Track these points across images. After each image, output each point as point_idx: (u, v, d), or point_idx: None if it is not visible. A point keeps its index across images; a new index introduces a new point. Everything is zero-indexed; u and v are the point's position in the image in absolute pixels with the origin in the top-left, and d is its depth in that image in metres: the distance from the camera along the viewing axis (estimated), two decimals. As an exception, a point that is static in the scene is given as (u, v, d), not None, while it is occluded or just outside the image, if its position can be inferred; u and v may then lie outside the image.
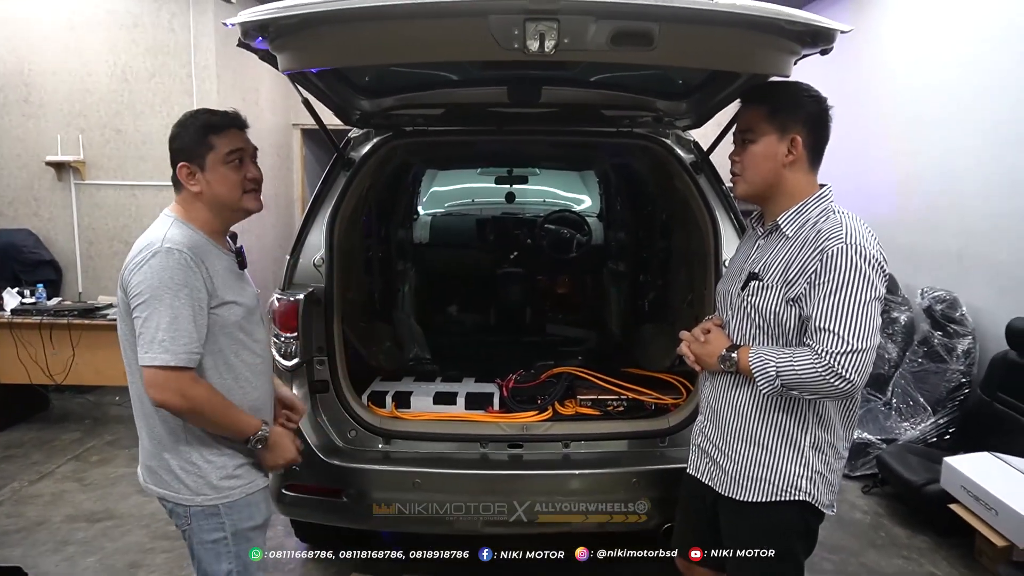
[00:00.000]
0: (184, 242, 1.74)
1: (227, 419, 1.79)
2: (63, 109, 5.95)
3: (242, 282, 1.91)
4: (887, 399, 4.47)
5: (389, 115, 2.86)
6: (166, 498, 1.85)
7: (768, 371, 1.70)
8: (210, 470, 1.81)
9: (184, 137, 1.79)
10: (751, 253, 1.90)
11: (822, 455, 1.80)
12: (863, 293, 1.63)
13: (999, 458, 3.31)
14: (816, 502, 1.81)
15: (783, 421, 1.80)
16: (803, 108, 1.77)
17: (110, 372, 4.76)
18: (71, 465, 4.34)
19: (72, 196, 6.07)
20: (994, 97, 4.06)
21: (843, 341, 1.61)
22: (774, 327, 1.78)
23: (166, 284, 1.67)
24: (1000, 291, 4.02)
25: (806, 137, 1.76)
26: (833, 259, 1.65)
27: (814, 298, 1.67)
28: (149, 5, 5.88)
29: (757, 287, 1.79)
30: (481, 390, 2.89)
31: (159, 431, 1.81)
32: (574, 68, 2.56)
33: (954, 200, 4.43)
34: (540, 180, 5.62)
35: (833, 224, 1.71)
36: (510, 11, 1.62)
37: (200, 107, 1.89)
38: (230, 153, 1.79)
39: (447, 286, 5.04)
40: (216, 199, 1.81)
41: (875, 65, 5.12)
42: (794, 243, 1.76)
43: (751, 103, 1.85)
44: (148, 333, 1.67)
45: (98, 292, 5.76)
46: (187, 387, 1.69)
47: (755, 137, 1.78)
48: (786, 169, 1.78)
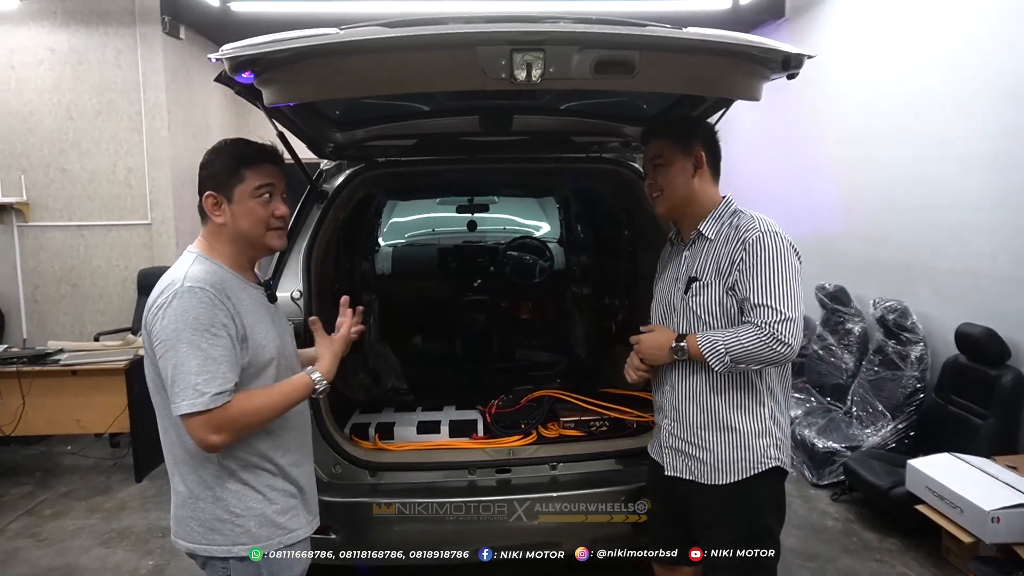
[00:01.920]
0: (206, 279, 1.65)
1: (282, 399, 1.71)
2: (3, 149, 5.78)
3: (273, 316, 1.83)
4: (847, 408, 4.63)
5: (362, 147, 2.87)
6: (204, 554, 1.74)
7: (718, 350, 1.90)
8: (250, 519, 1.72)
9: (216, 165, 1.72)
10: (681, 262, 2.12)
11: (777, 423, 2.04)
12: (786, 270, 1.90)
13: (959, 458, 3.46)
14: (782, 463, 2.04)
15: (744, 403, 2.01)
16: (698, 130, 2.12)
17: (63, 420, 4.57)
18: (23, 520, 4.11)
19: (15, 239, 5.85)
20: (932, 114, 4.31)
21: (778, 312, 1.85)
22: (718, 318, 2.00)
23: (191, 325, 1.59)
24: (946, 299, 4.23)
25: (706, 153, 2.06)
26: (755, 246, 1.92)
27: (746, 281, 1.92)
28: (94, 42, 5.77)
29: (698, 287, 2.03)
30: (464, 417, 2.89)
31: (191, 482, 1.72)
32: (544, 97, 2.64)
33: (897, 215, 4.66)
34: (500, 208, 5.69)
35: (746, 220, 2.01)
36: (497, 42, 1.67)
37: (238, 136, 1.82)
38: (259, 187, 1.72)
39: (413, 316, 5.02)
40: (240, 233, 1.73)
41: (818, 86, 5.39)
42: (717, 243, 2.03)
43: (655, 135, 2.13)
44: (181, 380, 1.58)
45: (45, 337, 5.53)
46: (225, 421, 1.60)
47: (665, 161, 2.06)
48: (695, 181, 2.06)
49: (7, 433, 4.51)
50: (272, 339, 1.76)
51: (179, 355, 1.58)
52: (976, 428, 3.71)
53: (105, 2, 5.72)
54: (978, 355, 3.80)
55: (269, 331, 1.76)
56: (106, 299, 6.04)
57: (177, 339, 1.59)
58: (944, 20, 4.23)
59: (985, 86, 3.90)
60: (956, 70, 4.12)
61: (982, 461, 3.39)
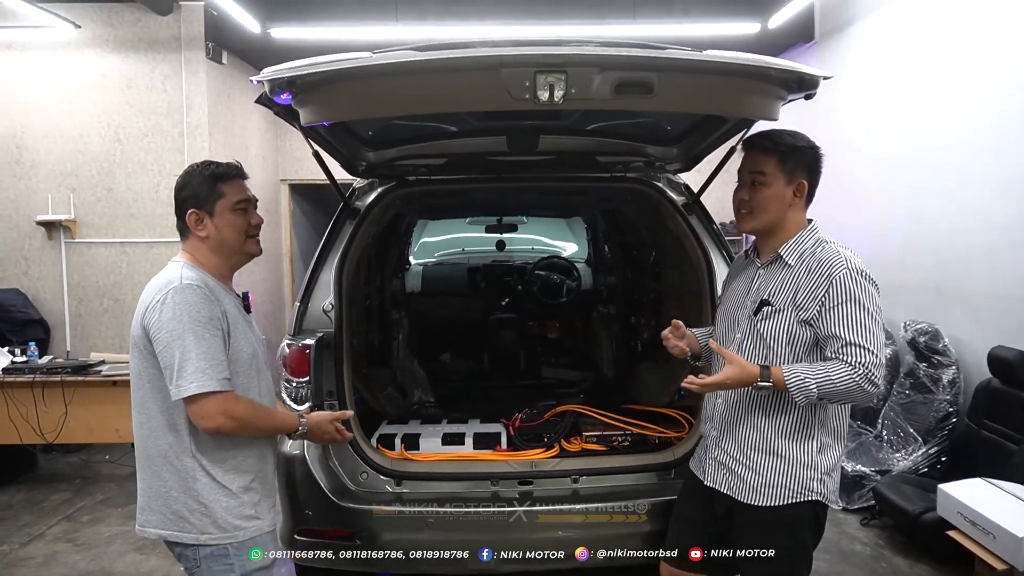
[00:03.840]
0: (200, 279, 1.83)
1: (272, 423, 1.96)
2: (55, 169, 6.03)
3: (248, 325, 1.99)
4: (878, 432, 4.56)
5: (393, 165, 2.97)
6: (173, 540, 1.87)
7: (807, 386, 1.85)
8: (218, 511, 1.84)
9: (193, 186, 1.89)
10: (753, 282, 2.07)
11: (828, 457, 2.00)
12: (875, 312, 1.88)
13: (992, 483, 3.39)
14: (825, 499, 2.00)
15: (793, 431, 1.98)
16: (805, 156, 2.00)
17: (102, 430, 4.72)
18: (62, 526, 4.25)
19: (62, 255, 6.09)
20: (964, 137, 4.29)
21: (872, 354, 1.83)
22: (784, 346, 1.96)
23: (194, 318, 1.75)
24: (978, 321, 4.17)
25: (808, 182, 2.00)
26: (844, 283, 1.88)
27: (834, 318, 1.87)
28: (143, 67, 6.03)
29: (769, 312, 1.99)
30: (488, 430, 2.94)
31: (165, 473, 1.84)
32: (570, 117, 2.71)
33: (929, 237, 4.62)
34: (529, 228, 5.76)
35: (831, 253, 1.95)
36: (521, 64, 1.75)
37: (205, 159, 1.99)
38: (239, 202, 1.91)
39: (441, 333, 5.10)
40: (223, 243, 1.91)
41: (848, 109, 5.39)
42: (797, 271, 1.97)
43: (761, 149, 2.00)
44: (189, 365, 1.73)
45: (88, 350, 5.72)
46: (233, 407, 1.78)
47: (766, 180, 1.98)
48: (790, 209, 2.00)
49: (50, 441, 4.68)
50: (249, 341, 1.94)
51: (185, 344, 1.74)
52: (1010, 453, 3.64)
53: (153, 29, 5.99)
54: (1012, 379, 3.74)
55: (247, 334, 1.94)
56: (146, 314, 6.21)
57: (183, 329, 1.74)
58: (974, 42, 4.22)
59: (1018, 108, 3.87)
60: (987, 92, 4.10)
61: (1016, 487, 3.32)
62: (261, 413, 1.90)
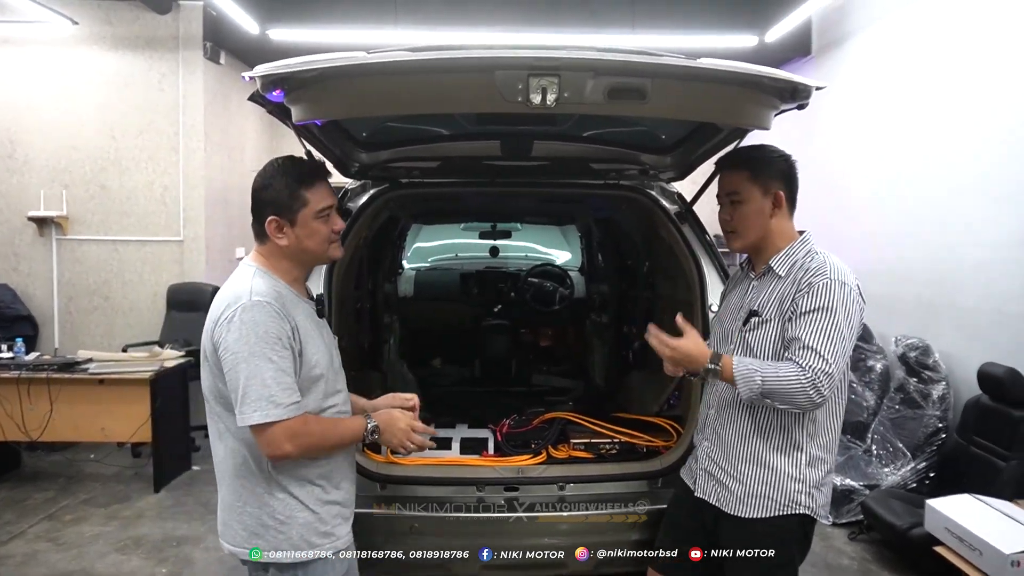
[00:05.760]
0: (270, 293, 1.73)
1: (339, 439, 1.82)
2: (48, 165, 6.01)
3: (321, 331, 1.89)
4: (867, 446, 4.55)
5: (386, 167, 2.96)
6: (239, 556, 1.81)
7: (753, 378, 1.85)
8: (294, 527, 1.78)
9: (275, 189, 1.78)
10: (747, 295, 2.08)
11: (817, 471, 1.99)
12: (844, 325, 1.86)
13: (979, 499, 3.38)
14: (814, 513, 1.99)
15: (781, 443, 1.98)
16: (777, 166, 2.04)
17: (88, 428, 4.67)
18: (44, 524, 4.20)
19: (53, 251, 6.06)
20: (958, 151, 4.31)
21: (825, 362, 1.81)
22: (769, 356, 1.95)
23: (262, 338, 1.66)
24: (969, 337, 4.18)
25: (784, 191, 2.01)
26: (819, 291, 1.88)
27: (800, 322, 1.87)
28: (140, 65, 6.03)
29: (756, 322, 2.01)
30: (475, 435, 2.91)
31: (240, 489, 1.78)
32: (564, 123, 2.71)
33: (921, 251, 4.64)
34: (522, 235, 5.75)
35: (819, 263, 1.95)
36: (515, 67, 1.75)
37: (289, 155, 1.86)
38: (322, 209, 1.80)
39: (433, 338, 5.08)
40: (304, 251, 1.82)
41: (843, 122, 5.42)
42: (786, 282, 1.98)
43: (732, 168, 2.05)
44: (253, 391, 1.64)
45: (76, 347, 5.66)
46: (300, 433, 1.69)
47: (742, 197, 2.01)
48: (772, 220, 2.02)
49: (35, 438, 4.63)
50: (323, 354, 1.83)
51: (251, 366, 1.64)
52: (998, 470, 3.64)
53: (152, 28, 5.99)
54: (1001, 396, 3.74)
55: (320, 347, 1.83)
56: (136, 312, 6.19)
57: (249, 351, 1.65)
58: (968, 59, 4.25)
59: (1013, 122, 3.89)
60: (981, 106, 4.13)
61: (1003, 504, 3.32)
62: (330, 431, 1.79)
